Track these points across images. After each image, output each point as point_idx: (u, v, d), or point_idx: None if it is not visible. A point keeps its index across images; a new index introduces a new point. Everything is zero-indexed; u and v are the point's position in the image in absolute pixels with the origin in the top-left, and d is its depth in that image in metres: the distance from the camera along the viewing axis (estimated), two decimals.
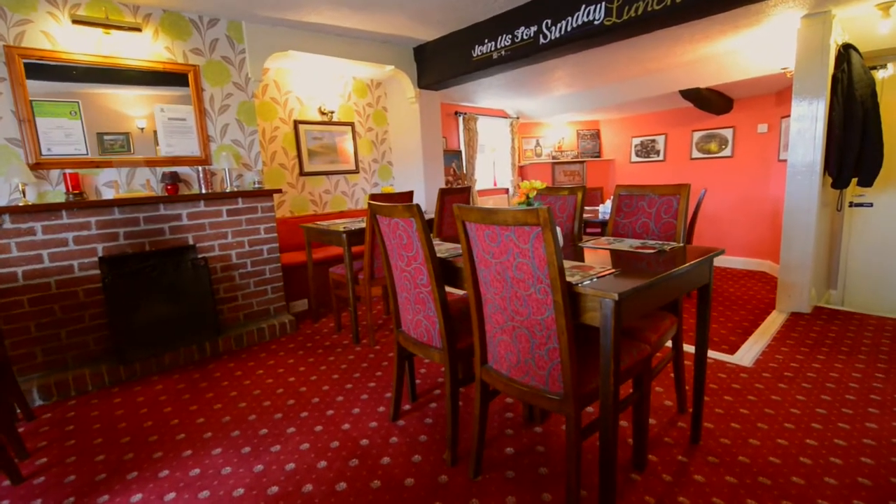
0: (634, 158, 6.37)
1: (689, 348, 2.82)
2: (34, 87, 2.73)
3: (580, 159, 6.64)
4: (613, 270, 1.48)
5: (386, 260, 1.99)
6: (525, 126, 6.70)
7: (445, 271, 1.83)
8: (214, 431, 2.23)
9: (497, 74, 4.23)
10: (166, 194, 3.13)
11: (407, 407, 2.34)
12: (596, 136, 6.75)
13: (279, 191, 3.57)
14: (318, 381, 2.70)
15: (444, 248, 2.00)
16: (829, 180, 3.42)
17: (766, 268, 5.20)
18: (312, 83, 4.40)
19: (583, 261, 1.72)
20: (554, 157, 6.65)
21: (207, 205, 3.25)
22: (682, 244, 1.90)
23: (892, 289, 3.79)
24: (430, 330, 1.84)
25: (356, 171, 4.78)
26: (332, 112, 4.47)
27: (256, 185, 3.50)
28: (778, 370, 2.52)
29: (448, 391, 1.80)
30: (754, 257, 5.33)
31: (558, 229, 1.84)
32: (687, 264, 1.53)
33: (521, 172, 6.73)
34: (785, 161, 4.74)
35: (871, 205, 3.89)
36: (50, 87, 2.80)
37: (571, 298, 1.35)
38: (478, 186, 6.16)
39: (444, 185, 4.97)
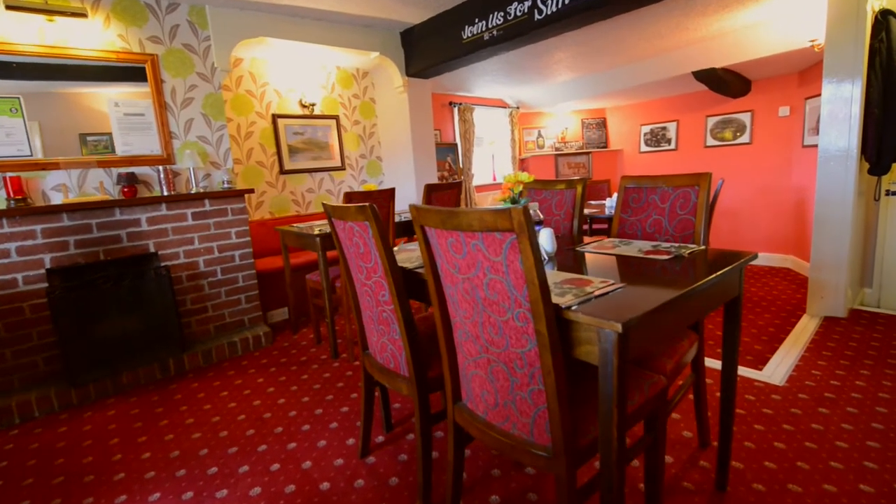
0: (644, 148, 5.97)
1: (711, 363, 2.46)
2: None
3: (585, 150, 6.25)
4: (617, 285, 1.14)
5: (346, 272, 1.67)
6: (526, 116, 6.33)
7: (413, 285, 1.50)
8: (158, 470, 1.93)
9: (491, 58, 3.87)
10: (122, 197, 2.83)
11: (380, 439, 2.02)
12: (602, 125, 6.35)
13: (251, 191, 3.26)
14: (286, 405, 2.40)
15: (412, 257, 1.67)
16: (866, 166, 3.02)
17: (790, 264, 4.79)
18: (292, 74, 4.08)
19: (581, 270, 1.38)
20: (557, 149, 6.27)
21: (170, 208, 2.96)
22: (702, 246, 1.55)
23: None
24: (396, 356, 1.51)
25: (342, 168, 4.46)
26: (312, 105, 4.15)
27: (226, 185, 3.20)
28: (816, 390, 2.15)
29: (418, 429, 1.47)
30: (777, 252, 4.91)
31: (548, 232, 1.49)
32: (713, 275, 1.18)
33: (523, 166, 6.37)
34: (810, 147, 4.32)
35: None
36: None
37: (561, 326, 1.01)
38: (475, 181, 5.81)
39: (437, 181, 4.63)
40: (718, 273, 1.20)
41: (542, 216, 1.73)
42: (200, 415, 2.37)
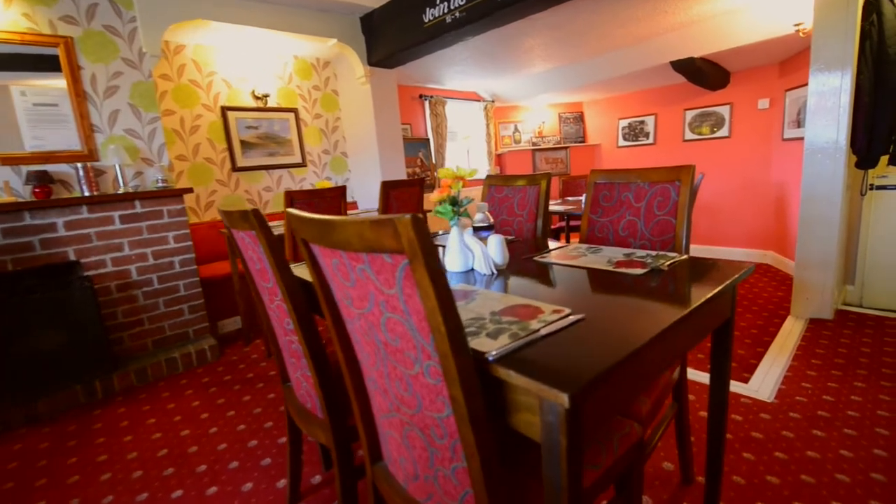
0: (622, 142, 5.77)
1: (693, 375, 2.24)
2: None
3: (563, 145, 6.03)
4: (574, 316, 0.88)
5: (255, 292, 1.38)
6: (501, 110, 6.07)
7: None
8: None
9: (458, 45, 3.59)
10: (34, 199, 2.48)
11: (317, 479, 1.74)
12: (579, 119, 6.14)
13: (189, 190, 2.93)
14: (217, 435, 2.09)
15: None
16: (854, 159, 2.84)
17: (770, 260, 4.65)
18: (243, 63, 3.74)
19: (534, 290, 1.11)
20: (534, 144, 6.04)
21: (92, 210, 2.61)
22: (684, 256, 1.30)
23: None
24: (312, 395, 1.23)
25: (303, 165, 4.13)
26: (266, 96, 3.81)
27: (161, 185, 2.86)
28: (809, 407, 1.94)
29: (338, 487, 1.19)
30: (757, 248, 4.77)
31: (497, 241, 1.23)
32: (701, 301, 0.93)
33: (499, 161, 6.12)
34: (790, 140, 4.16)
35: (895, 187, 3.32)
36: None
37: (491, 385, 0.75)
38: None
39: (405, 177, 4.34)
40: (708, 297, 0.95)
41: (491, 219, 1.47)
42: (117, 449, 2.06)
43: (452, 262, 1.32)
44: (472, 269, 1.31)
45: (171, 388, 2.64)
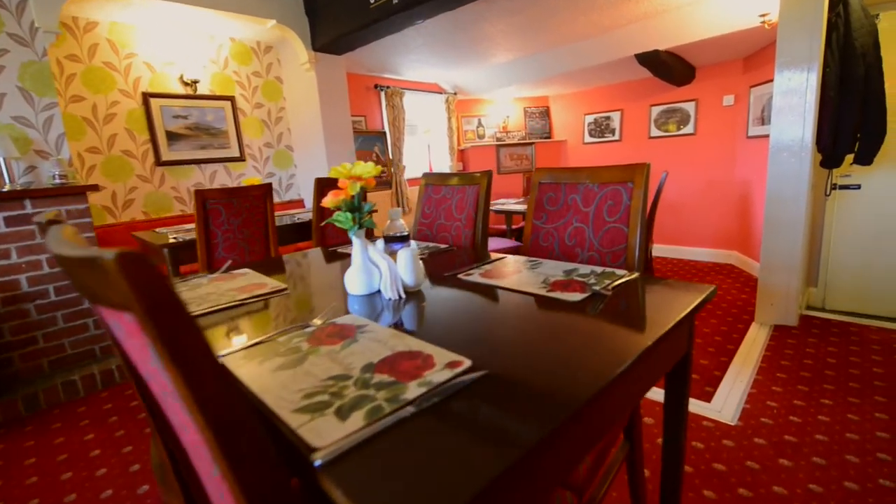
0: (588, 139, 5.62)
1: (654, 393, 2.05)
2: None
3: (528, 141, 5.83)
4: (471, 375, 0.63)
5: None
6: (464, 103, 5.81)
7: None
8: None
9: (408, 29, 3.31)
10: None
11: None
12: (545, 114, 5.95)
13: (94, 187, 2.55)
14: (106, 478, 1.77)
15: (219, 292, 1.10)
16: (819, 158, 2.72)
17: (734, 260, 4.57)
18: (169, 44, 3.35)
19: (438, 327, 0.86)
20: (499, 139, 5.81)
21: None
22: (635, 274, 1.07)
23: (883, 287, 3.17)
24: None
25: (241, 159, 3.77)
26: (195, 82, 3.43)
27: (58, 181, 2.47)
28: (775, 431, 1.76)
29: None
30: (721, 248, 4.69)
31: (407, 256, 0.97)
32: (650, 343, 0.69)
33: (462, 157, 5.87)
34: (755, 137, 4.07)
35: (858, 187, 3.23)
36: None
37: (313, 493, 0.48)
38: (408, 174, 5.25)
39: None
40: (660, 335, 0.71)
41: (405, 229, 1.20)
42: None
43: (353, 282, 1.05)
44: (379, 291, 1.05)
45: (66, 417, 2.27)
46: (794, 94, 2.51)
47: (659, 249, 5.16)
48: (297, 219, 2.76)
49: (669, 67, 4.17)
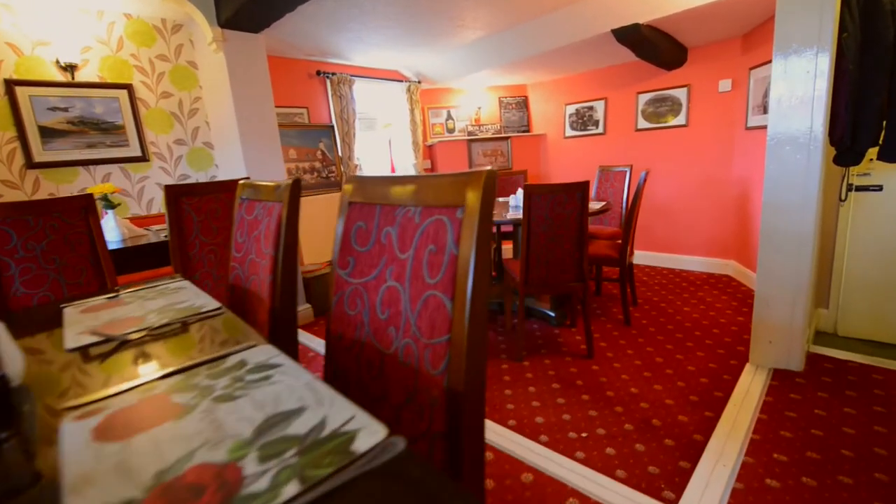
0: (569, 132, 5.00)
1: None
2: None
3: (504, 135, 5.21)
4: None
5: None
6: (431, 93, 5.20)
7: None
8: None
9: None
10: None
11: None
12: (523, 104, 5.33)
13: None
14: None
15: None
16: (831, 153, 2.10)
17: (731, 270, 3.96)
18: (41, 21, 2.78)
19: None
20: (470, 133, 5.20)
21: None
22: (399, 446, 0.48)
23: None
24: None
25: (144, 159, 3.20)
26: (72, 66, 2.86)
27: None
28: None
29: None
30: (717, 256, 4.07)
31: None
32: None
33: (430, 153, 5.26)
34: (755, 128, 3.44)
35: (879, 188, 2.60)
36: None
37: None
38: (362, 173, 4.67)
39: (285, 176, 3.46)
40: None
41: None
42: None
43: None
44: None
45: None
46: (799, 67, 1.89)
47: (646, 258, 4.54)
48: (165, 236, 2.20)
49: (655, 47, 3.54)
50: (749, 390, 1.99)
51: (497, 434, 1.90)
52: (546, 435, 1.90)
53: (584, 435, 1.88)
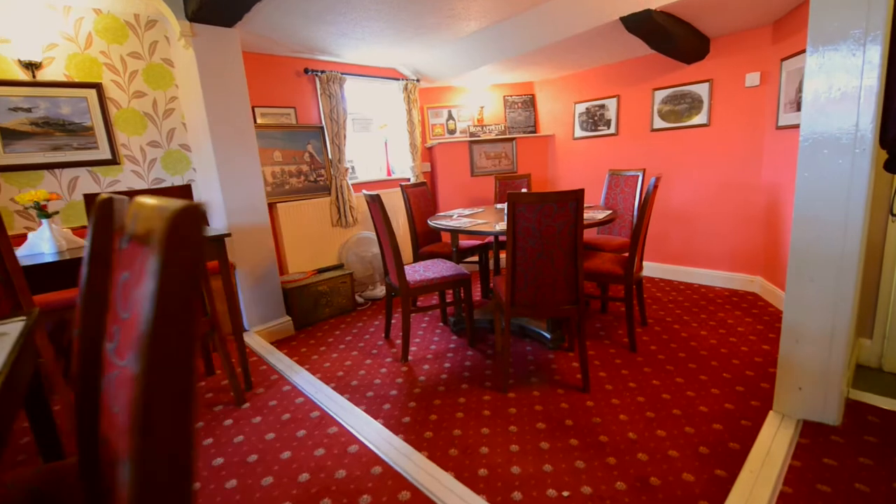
0: (579, 133, 4.63)
1: None
2: None
3: (508, 136, 4.88)
4: None
5: None
6: (430, 92, 4.92)
7: None
8: None
9: None
10: None
11: None
12: (530, 103, 4.98)
13: None
14: None
15: None
16: (883, 158, 1.71)
17: (756, 287, 3.53)
18: (1, 17, 2.62)
19: None
20: (473, 134, 4.89)
21: None
22: None
23: None
24: None
25: (115, 162, 3.02)
26: (34, 64, 2.69)
27: None
28: None
29: None
30: (741, 271, 3.65)
31: None
32: None
33: (429, 156, 4.98)
34: (787, 128, 3.02)
35: None
36: None
37: None
38: (361, 177, 4.44)
39: (261, 183, 3.22)
40: None
41: None
42: None
43: None
44: None
45: None
46: (842, 55, 1.52)
47: (662, 270, 4.14)
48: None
49: (671, 37, 3.16)
50: (771, 450, 1.62)
51: (458, 497, 1.60)
52: (520, 491, 1.59)
53: (565, 494, 1.56)
